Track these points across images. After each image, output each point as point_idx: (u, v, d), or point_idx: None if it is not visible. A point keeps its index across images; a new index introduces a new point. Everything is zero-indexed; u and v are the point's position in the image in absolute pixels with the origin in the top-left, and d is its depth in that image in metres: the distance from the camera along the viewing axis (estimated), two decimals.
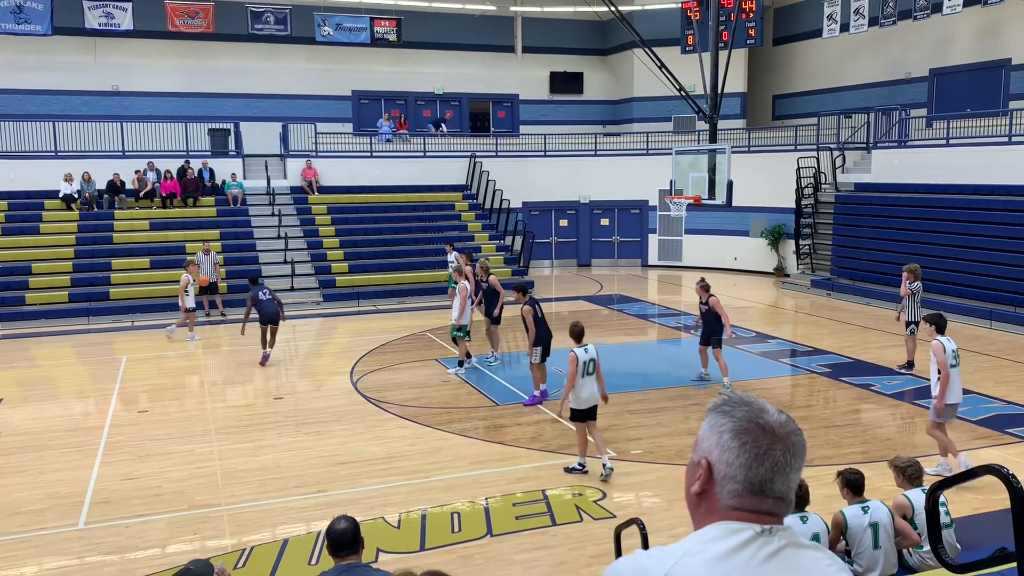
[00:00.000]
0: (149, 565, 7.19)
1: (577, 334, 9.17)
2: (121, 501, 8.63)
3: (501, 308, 14.48)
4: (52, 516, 8.29)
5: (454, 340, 14.22)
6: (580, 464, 9.22)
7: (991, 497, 7.82)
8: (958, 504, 7.47)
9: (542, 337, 12.07)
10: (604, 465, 9.01)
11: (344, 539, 4.35)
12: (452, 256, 19.36)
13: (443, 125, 29.66)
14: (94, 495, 8.81)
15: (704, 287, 12.91)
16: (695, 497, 1.65)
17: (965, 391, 12.22)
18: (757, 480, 1.57)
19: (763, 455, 1.57)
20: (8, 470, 9.65)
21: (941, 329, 9.05)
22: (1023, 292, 17.11)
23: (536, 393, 12.18)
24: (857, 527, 5.94)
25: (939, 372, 8.85)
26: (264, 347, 14.89)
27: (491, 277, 14.45)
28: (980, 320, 17.42)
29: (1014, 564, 3.74)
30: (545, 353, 12.15)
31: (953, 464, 8.92)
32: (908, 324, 13.34)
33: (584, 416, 9.09)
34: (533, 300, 12.40)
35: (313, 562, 7.19)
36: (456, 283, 14.93)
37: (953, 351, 8.96)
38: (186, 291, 16.90)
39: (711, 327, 12.73)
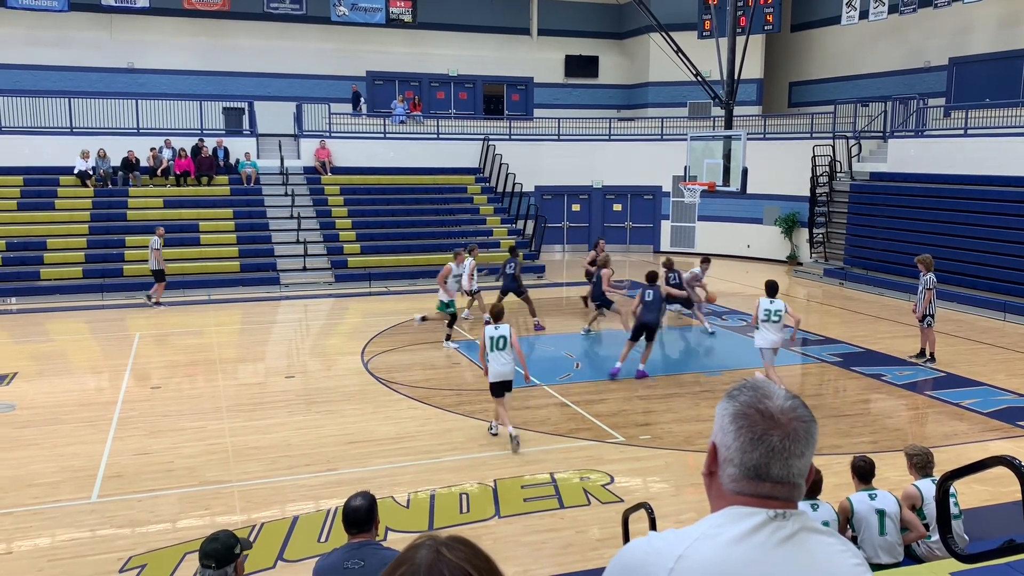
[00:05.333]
0: (160, 539, 7.27)
1: (496, 314, 9.91)
2: (133, 476, 8.72)
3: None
4: (65, 489, 8.39)
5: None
6: (511, 433, 9.66)
7: (1000, 489, 7.81)
8: (967, 496, 7.46)
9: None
10: (511, 436, 9.54)
11: (356, 517, 4.37)
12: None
13: (361, 100, 28.50)
14: (107, 469, 8.90)
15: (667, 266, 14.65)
16: (706, 479, 1.69)
17: (977, 383, 12.29)
18: (752, 464, 1.59)
19: (758, 440, 1.58)
20: (22, 443, 9.76)
21: (771, 292, 11.56)
22: None
23: (618, 365, 12.57)
24: (863, 512, 5.95)
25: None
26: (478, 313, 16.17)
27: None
28: (994, 312, 17.31)
29: (1023, 555, 3.75)
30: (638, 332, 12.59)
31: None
32: (924, 317, 13.30)
33: (498, 390, 9.70)
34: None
35: (322, 539, 7.25)
36: None
37: (766, 310, 11.32)
38: (446, 281, 14.82)
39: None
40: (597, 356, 14.55)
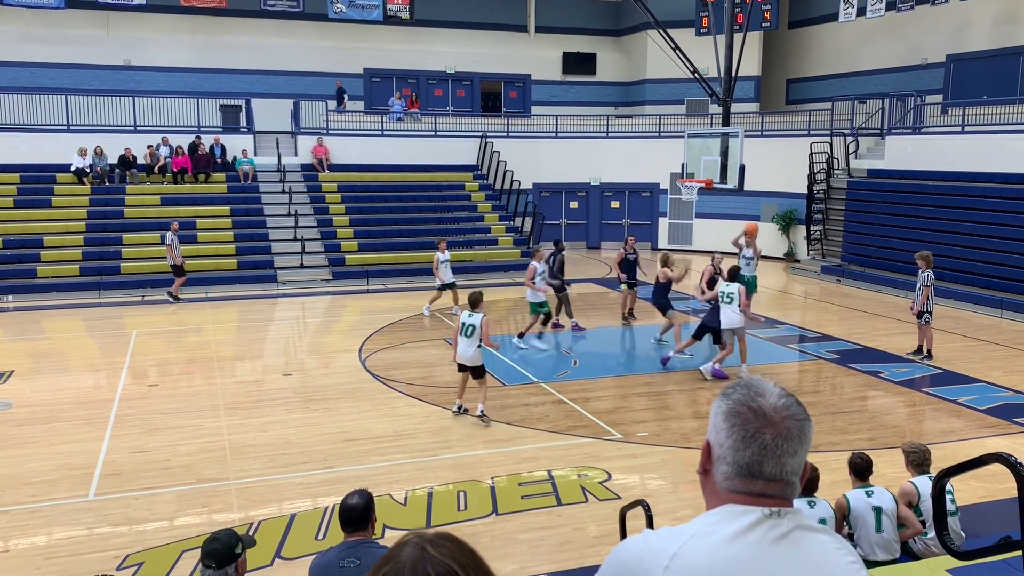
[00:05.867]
0: (157, 537, 7.27)
1: (472, 301, 10.41)
2: (131, 473, 8.72)
3: None
4: (63, 487, 8.38)
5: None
6: (458, 407, 10.63)
7: (996, 486, 7.82)
8: (963, 492, 7.47)
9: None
10: (459, 406, 10.56)
11: (352, 515, 4.37)
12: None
13: (345, 97, 28.23)
14: (104, 467, 8.90)
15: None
16: (701, 476, 1.69)
17: (974, 380, 12.31)
18: (745, 463, 1.58)
19: (750, 438, 1.58)
20: (20, 441, 9.75)
21: (731, 278, 12.39)
22: None
23: (671, 354, 13.19)
24: (859, 509, 5.95)
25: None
26: (556, 315, 15.86)
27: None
28: (990, 309, 17.33)
29: (1019, 552, 3.75)
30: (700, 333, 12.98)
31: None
32: (921, 314, 13.30)
33: (461, 368, 10.44)
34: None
35: (320, 537, 7.25)
36: None
37: (721, 292, 12.17)
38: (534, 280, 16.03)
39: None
40: (594, 353, 14.55)
